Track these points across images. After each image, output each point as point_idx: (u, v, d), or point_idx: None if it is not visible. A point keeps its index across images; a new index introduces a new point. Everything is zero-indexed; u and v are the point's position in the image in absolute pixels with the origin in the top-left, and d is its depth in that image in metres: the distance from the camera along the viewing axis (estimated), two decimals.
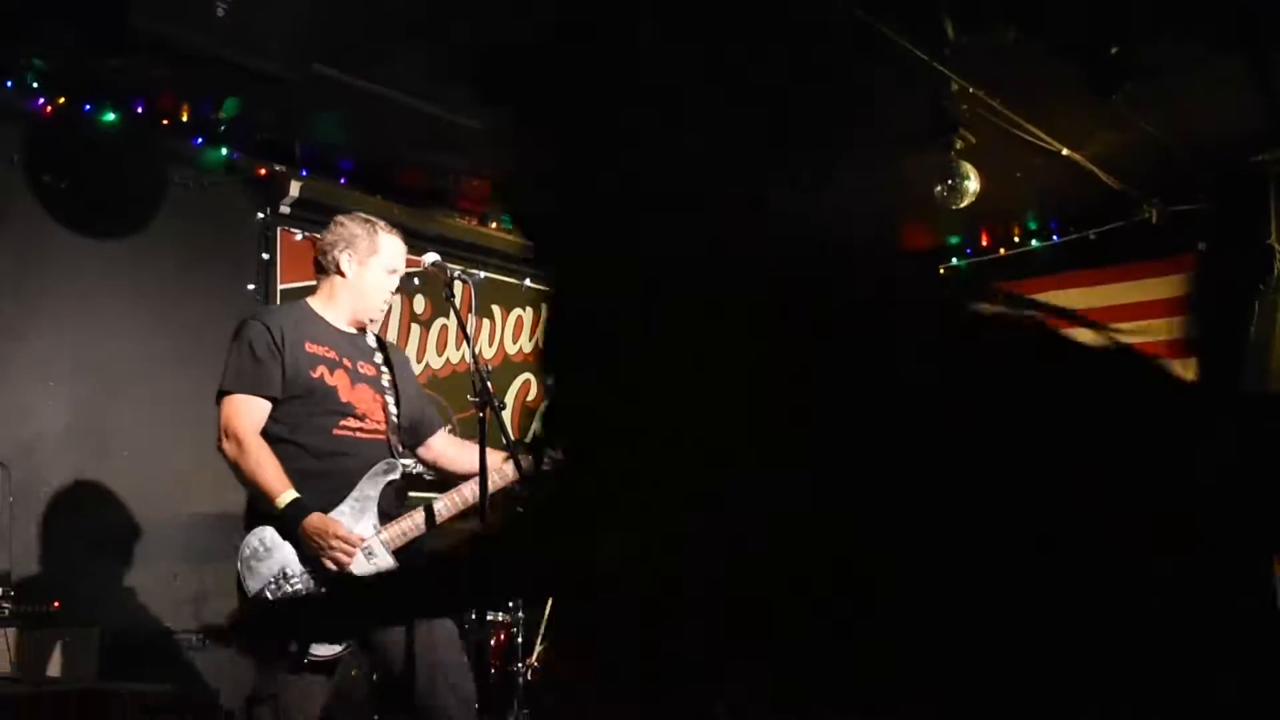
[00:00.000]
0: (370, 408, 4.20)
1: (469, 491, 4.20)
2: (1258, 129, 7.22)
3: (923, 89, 6.33)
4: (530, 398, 8.34)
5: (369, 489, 4.08)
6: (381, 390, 4.29)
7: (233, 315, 6.67)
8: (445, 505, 4.22)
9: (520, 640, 5.44)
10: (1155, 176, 7.88)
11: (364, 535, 3.99)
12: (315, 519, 3.87)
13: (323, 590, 3.87)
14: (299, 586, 3.87)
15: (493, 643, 5.63)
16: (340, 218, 4.33)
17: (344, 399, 4.11)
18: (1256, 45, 6.12)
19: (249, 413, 4.00)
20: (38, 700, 3.46)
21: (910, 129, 6.84)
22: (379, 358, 4.36)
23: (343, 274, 4.25)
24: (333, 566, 3.87)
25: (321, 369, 4.08)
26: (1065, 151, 7.25)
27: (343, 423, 4.10)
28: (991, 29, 5.80)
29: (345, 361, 4.18)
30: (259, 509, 3.99)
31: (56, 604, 5.15)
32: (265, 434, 4.04)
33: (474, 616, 5.08)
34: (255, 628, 2.95)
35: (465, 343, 4.46)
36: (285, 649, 3.61)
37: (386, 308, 4.50)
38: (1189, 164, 7.67)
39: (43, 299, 6.01)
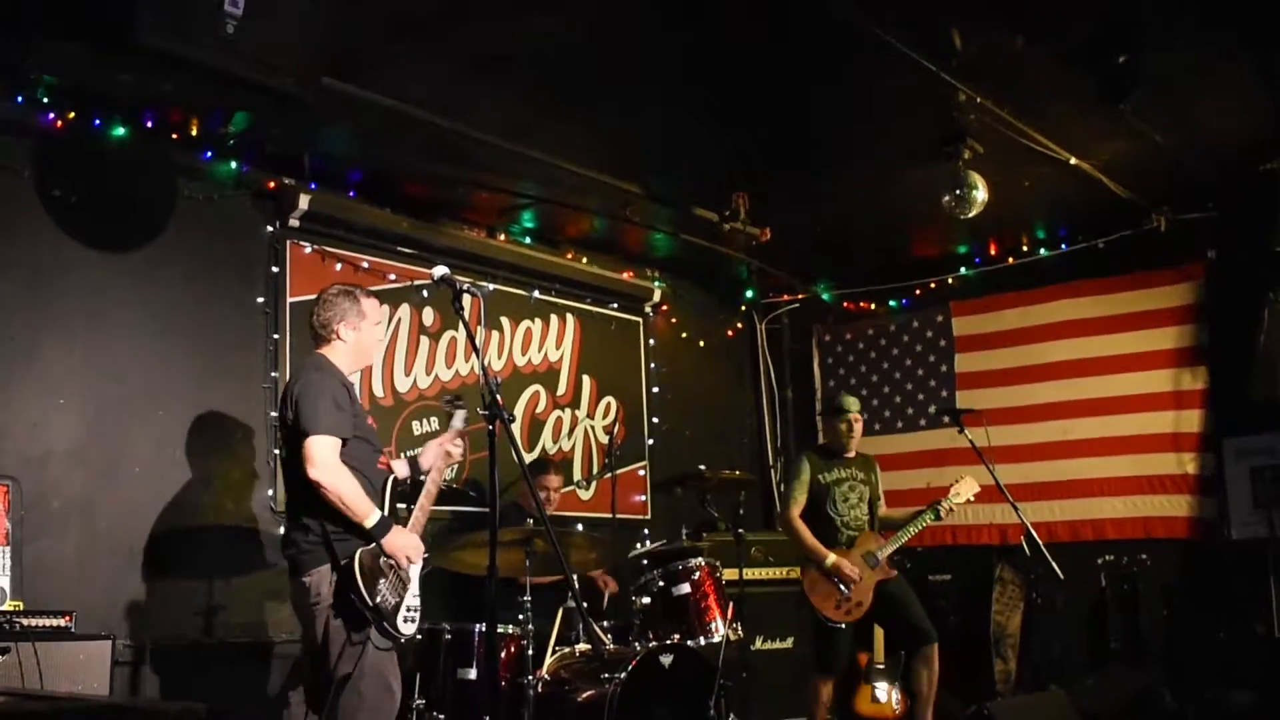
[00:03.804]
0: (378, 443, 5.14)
1: (434, 486, 5.15)
2: (1266, 136, 7.21)
3: (931, 99, 6.33)
4: (539, 409, 8.35)
5: (388, 501, 4.97)
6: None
7: (242, 328, 6.74)
8: (427, 497, 5.13)
9: (530, 652, 5.44)
10: (1164, 184, 7.88)
11: None
12: (397, 530, 4.80)
13: (399, 585, 4.80)
14: (391, 586, 4.74)
15: (503, 655, 5.63)
16: (325, 294, 5.12)
17: (378, 441, 5.06)
18: (1265, 52, 6.12)
19: (335, 449, 4.74)
20: (57, 716, 3.46)
21: (919, 139, 6.85)
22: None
23: (342, 339, 5.06)
24: (405, 564, 4.79)
25: (371, 419, 5.03)
26: (1073, 160, 7.24)
27: (380, 459, 5.04)
28: (999, 38, 5.80)
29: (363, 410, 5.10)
30: (341, 526, 4.73)
31: (68, 618, 5.17)
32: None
33: (484, 628, 5.20)
34: (379, 625, 4.65)
35: (474, 355, 4.56)
36: (396, 637, 4.73)
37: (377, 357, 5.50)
38: (1198, 172, 7.67)
39: (53, 312, 6.03)
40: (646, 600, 6.21)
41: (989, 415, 7.30)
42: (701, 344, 9.82)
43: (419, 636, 5.75)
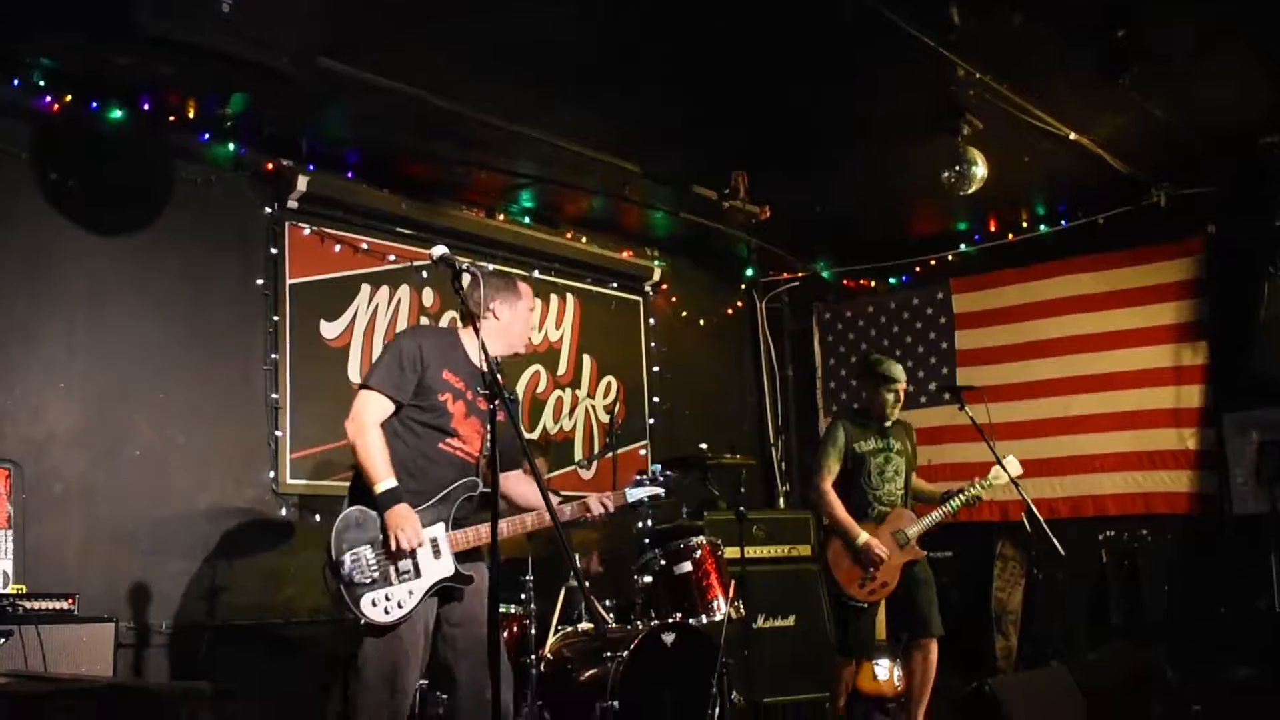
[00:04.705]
0: (471, 436, 4.82)
1: (531, 520, 4.83)
2: (1265, 111, 7.20)
3: (930, 75, 6.32)
4: (540, 389, 8.35)
5: (451, 497, 4.68)
6: (485, 423, 4.82)
7: (241, 310, 6.74)
8: (507, 526, 4.78)
9: (533, 632, 5.45)
10: (1164, 160, 7.86)
11: (435, 535, 4.59)
12: (402, 507, 4.49)
13: (391, 570, 4.49)
14: (372, 560, 4.47)
15: (506, 635, 5.65)
16: (482, 271, 4.85)
17: (454, 425, 4.74)
18: (1263, 27, 6.10)
19: (377, 406, 4.62)
20: (65, 696, 3.47)
21: (918, 115, 6.83)
22: None
23: (497, 317, 4.85)
24: (393, 545, 4.47)
25: (448, 395, 4.71)
26: (1073, 136, 7.23)
27: (449, 440, 4.73)
28: (998, 14, 5.78)
29: (468, 394, 4.77)
30: (360, 486, 4.59)
31: (71, 601, 5.18)
32: (387, 427, 4.64)
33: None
34: (331, 584, 4.43)
35: (475, 335, 4.53)
36: (349, 609, 4.41)
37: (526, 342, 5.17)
38: (1198, 147, 7.65)
39: (53, 296, 6.03)
40: (648, 579, 6.21)
41: (989, 392, 7.30)
42: (702, 323, 9.82)
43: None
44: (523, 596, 5.46)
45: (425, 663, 4.69)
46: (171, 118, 6.46)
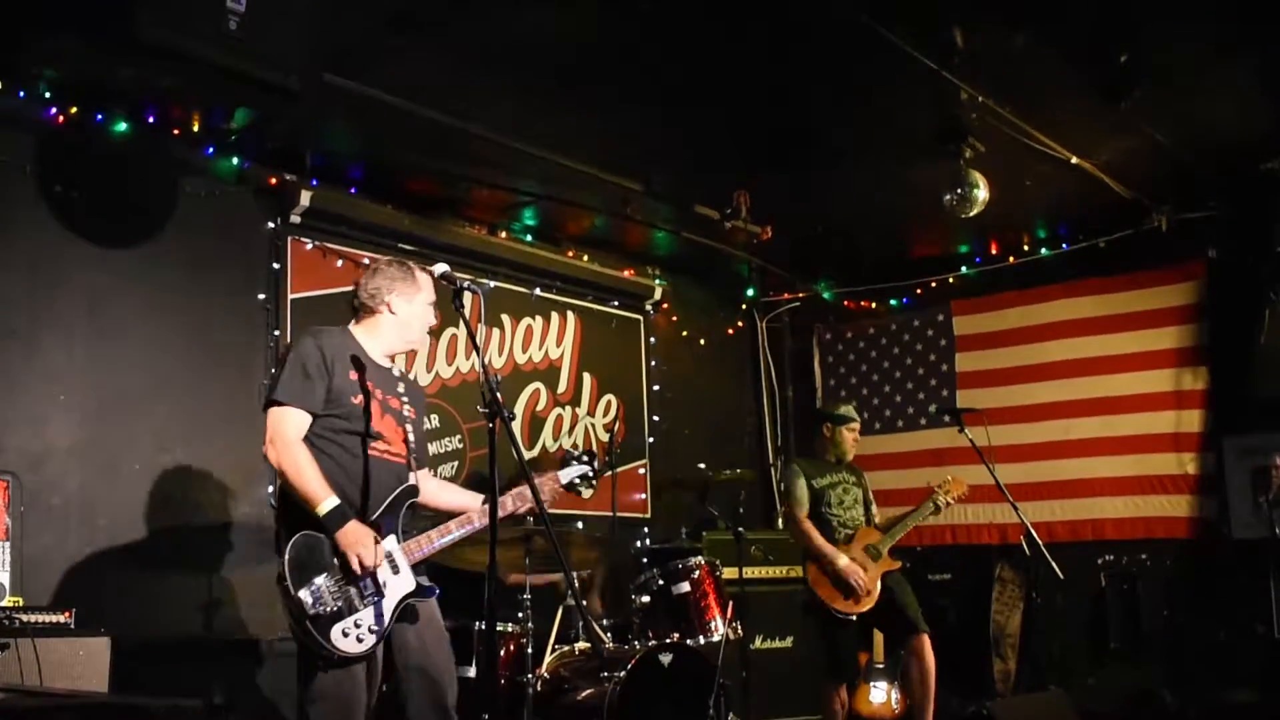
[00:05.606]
0: (392, 437, 4.56)
1: (455, 524, 4.65)
2: (1267, 135, 7.21)
3: (932, 97, 6.33)
4: (540, 407, 8.34)
5: (395, 506, 4.46)
6: (402, 421, 4.63)
7: (243, 324, 6.73)
8: (458, 527, 4.65)
9: (530, 650, 5.43)
10: (1165, 184, 7.87)
11: (389, 549, 4.38)
12: (353, 525, 4.24)
13: (353, 594, 4.25)
14: (333, 588, 4.22)
15: (502, 653, 5.63)
16: (378, 263, 4.72)
17: (375, 427, 4.47)
18: (1265, 51, 6.12)
19: (294, 423, 4.33)
20: (57, 712, 3.46)
21: (920, 138, 6.84)
22: (401, 388, 4.71)
23: (393, 312, 4.63)
24: (356, 567, 4.21)
25: (360, 397, 4.45)
26: (1075, 159, 7.24)
27: (375, 444, 4.47)
28: (1000, 36, 5.80)
29: (377, 393, 4.52)
30: (295, 513, 4.31)
31: (68, 614, 5.16)
32: (307, 442, 4.36)
33: (483, 627, 5.17)
34: (298, 624, 4.13)
35: (475, 352, 4.50)
36: (321, 645, 4.14)
37: (426, 337, 4.92)
38: (1198, 171, 7.66)
39: (54, 309, 6.02)
40: (646, 599, 6.20)
41: (989, 414, 7.29)
42: (702, 342, 9.81)
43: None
44: (520, 615, 5.44)
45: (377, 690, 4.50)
46: (176, 131, 6.47)
